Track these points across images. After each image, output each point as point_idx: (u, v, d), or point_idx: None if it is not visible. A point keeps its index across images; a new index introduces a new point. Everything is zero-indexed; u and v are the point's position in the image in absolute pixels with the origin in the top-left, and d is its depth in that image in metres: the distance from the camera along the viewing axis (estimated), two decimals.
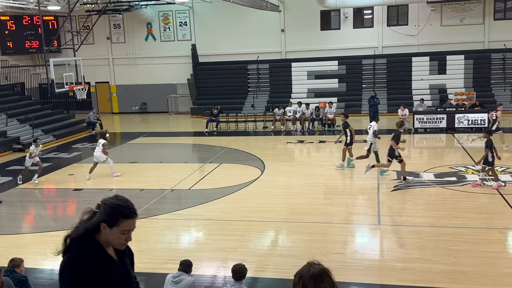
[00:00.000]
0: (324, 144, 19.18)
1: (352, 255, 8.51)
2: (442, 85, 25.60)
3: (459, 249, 8.31)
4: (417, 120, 20.39)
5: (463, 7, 25.56)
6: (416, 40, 26.45)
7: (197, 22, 28.68)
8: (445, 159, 15.77)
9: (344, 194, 12.51)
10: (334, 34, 27.49)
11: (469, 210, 10.36)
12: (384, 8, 26.44)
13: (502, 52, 25.02)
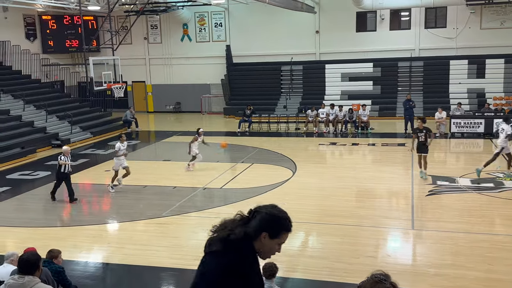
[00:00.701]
0: (357, 147, 19.00)
1: (384, 258, 8.41)
2: (480, 89, 24.94)
3: (495, 257, 8.09)
4: (454, 125, 19.96)
5: (503, 10, 24.83)
6: (455, 43, 25.86)
7: (232, 23, 28.88)
8: (482, 165, 15.32)
9: (376, 197, 12.35)
10: (369, 36, 27.17)
11: (507, 217, 10.07)
12: (422, 10, 25.96)
13: None
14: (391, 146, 18.46)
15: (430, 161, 16.17)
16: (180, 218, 10.62)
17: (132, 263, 8.54)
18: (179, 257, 8.46)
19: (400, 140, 19.38)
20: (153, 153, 19.33)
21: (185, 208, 11.24)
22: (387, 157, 17.08)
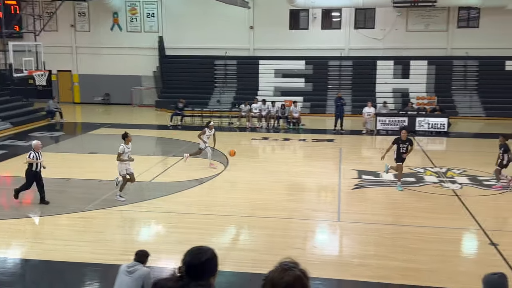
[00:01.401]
0: (288, 142, 19.28)
1: (311, 250, 8.56)
2: (405, 89, 26.16)
3: (415, 247, 8.47)
4: (379, 122, 20.77)
5: (428, 13, 26.18)
6: (382, 44, 26.92)
7: (165, 14, 28.29)
8: (405, 161, 16.05)
9: (306, 191, 12.57)
10: (302, 34, 27.66)
11: (426, 210, 10.59)
12: (352, 10, 26.79)
13: (463, 60, 25.78)
14: (321, 142, 18.89)
15: (357, 156, 16.79)
16: (105, 212, 10.22)
17: (52, 258, 8.10)
18: (103, 252, 8.13)
19: (329, 136, 19.89)
20: (78, 146, 18.49)
21: (110, 202, 10.82)
22: (317, 152, 17.47)
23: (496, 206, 10.85)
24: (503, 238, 8.74)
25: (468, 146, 18.76)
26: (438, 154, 17.38)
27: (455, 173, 13.67)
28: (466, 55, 25.57)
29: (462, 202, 10.92)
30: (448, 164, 14.71)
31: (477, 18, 26.14)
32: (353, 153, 17.20)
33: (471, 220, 9.76)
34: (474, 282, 3.73)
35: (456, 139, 19.56)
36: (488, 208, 10.63)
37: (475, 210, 10.33)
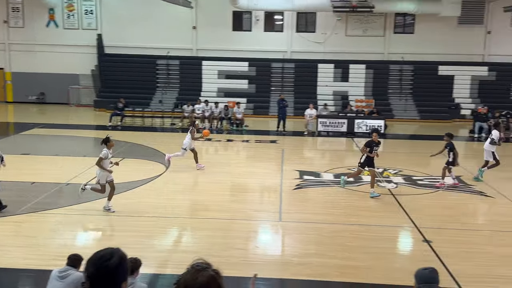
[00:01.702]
0: (231, 143, 19.26)
1: (253, 250, 8.56)
2: (344, 92, 26.87)
3: (353, 245, 8.68)
4: (320, 124, 21.21)
5: (366, 19, 27.05)
6: (323, 48, 27.52)
7: (104, 11, 27.51)
8: (344, 161, 16.50)
9: (248, 191, 12.59)
10: (245, 36, 27.76)
11: (364, 208, 10.90)
12: (294, 14, 27.21)
13: (399, 64, 26.84)
14: (264, 143, 19.02)
15: (299, 157, 17.02)
16: (38, 215, 9.74)
17: None
18: (35, 257, 7.73)
19: (272, 137, 20.08)
20: (10, 146, 17.52)
21: (43, 205, 10.34)
22: (260, 153, 17.57)
23: (430, 204, 11.33)
24: (436, 235, 9.13)
25: (403, 147, 19.53)
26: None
27: (391, 173, 14.17)
28: (402, 59, 26.64)
29: (397, 201, 11.32)
30: (385, 164, 15.20)
31: (412, 24, 27.31)
32: (295, 154, 17.43)
33: (406, 218, 10.14)
34: (409, 278, 3.85)
35: (392, 141, 20.31)
36: (422, 206, 11.08)
37: (410, 208, 10.75)
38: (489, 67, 26.58)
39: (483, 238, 9.22)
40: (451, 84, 26.70)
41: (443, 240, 8.97)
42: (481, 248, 8.74)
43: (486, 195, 12.14)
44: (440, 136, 20.84)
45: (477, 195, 12.18)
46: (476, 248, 8.74)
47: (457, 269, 7.61)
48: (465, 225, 9.97)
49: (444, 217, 10.43)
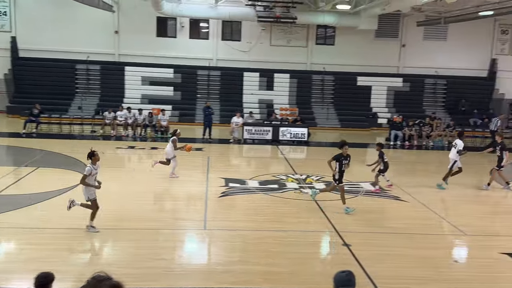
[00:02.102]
0: (156, 151, 18.85)
1: (177, 260, 8.40)
2: (269, 100, 27.33)
3: (277, 251, 8.79)
4: (246, 131, 21.38)
5: (290, 30, 27.75)
6: (248, 56, 27.84)
7: (18, 12, 26.03)
8: (269, 168, 16.73)
9: (173, 200, 12.38)
10: (170, 42, 27.45)
11: (287, 215, 11.08)
12: (219, 22, 27.31)
13: (321, 74, 27.75)
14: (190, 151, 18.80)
15: (224, 165, 17.02)
16: None
17: None
18: None
19: (198, 145, 19.91)
20: None
21: None
22: (185, 161, 17.30)
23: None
24: (355, 239, 9.48)
25: (325, 154, 19.94)
26: (299, 162, 18.40)
27: (313, 179, 14.55)
28: (323, 70, 27.57)
29: (319, 207, 11.63)
30: (308, 171, 15.63)
31: (333, 36, 28.39)
32: (220, 161, 17.41)
33: (327, 223, 10.43)
34: (329, 282, 3.94)
35: (315, 148, 20.90)
36: (342, 211, 11.44)
37: (331, 213, 11.07)
38: (403, 79, 28.21)
39: (399, 241, 9.69)
40: (369, 94, 28.02)
41: (362, 243, 9.32)
42: (397, 250, 9.17)
43: (401, 200, 12.80)
44: (359, 144, 21.83)
45: (393, 200, 12.82)
46: (393, 250, 9.16)
47: (375, 271, 7.93)
48: (382, 228, 10.43)
49: (362, 221, 10.85)
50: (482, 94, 28.46)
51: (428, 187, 14.34)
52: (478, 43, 28.68)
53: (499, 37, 29.00)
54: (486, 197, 13.71)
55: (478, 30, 28.10)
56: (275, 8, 23.52)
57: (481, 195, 13.79)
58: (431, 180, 15.10)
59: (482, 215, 11.83)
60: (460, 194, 14.24)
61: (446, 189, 13.92)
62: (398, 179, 14.80)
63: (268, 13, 23.93)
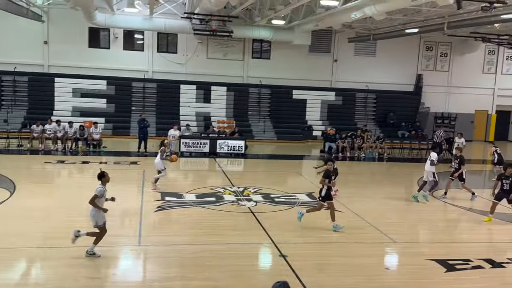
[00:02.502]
0: (87, 165, 18.22)
1: (110, 278, 8.10)
2: (207, 113, 27.27)
3: (214, 265, 8.70)
4: (183, 144, 21.16)
5: (226, 43, 27.93)
6: (185, 69, 27.70)
7: None
8: (207, 181, 16.62)
9: (106, 216, 11.92)
10: (103, 53, 26.78)
11: (224, 227, 11.03)
12: (154, 34, 27.00)
13: (258, 87, 28.09)
14: (124, 165, 18.36)
15: (161, 178, 16.66)
16: None
17: None
18: None
19: (133, 159, 19.50)
20: None
21: None
22: (120, 175, 16.82)
23: (286, 220, 11.87)
24: (291, 250, 9.58)
25: (262, 166, 20.37)
26: (236, 174, 18.43)
27: (250, 191, 14.61)
28: (260, 83, 27.93)
29: (256, 219, 11.68)
30: (245, 183, 15.67)
31: (269, 50, 28.89)
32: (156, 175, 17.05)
33: (264, 235, 10.48)
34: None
35: (252, 160, 21.05)
36: (279, 222, 11.56)
37: (268, 225, 11.15)
38: (336, 92, 29.15)
39: (333, 251, 9.90)
40: (304, 107, 28.69)
41: (298, 254, 9.44)
42: (332, 259, 9.37)
43: (336, 210, 13.10)
44: (295, 156, 22.24)
45: (327, 210, 13.09)
46: (328, 260, 9.35)
47: (311, 281, 8.05)
48: (318, 238, 10.62)
49: (299, 232, 10.99)
50: (409, 107, 29.96)
51: (361, 197, 14.82)
52: (405, 59, 30.24)
53: (424, 54, 30.75)
54: (414, 206, 14.35)
55: (405, 46, 29.66)
56: (211, 22, 23.59)
57: (411, 205, 14.42)
58: (363, 190, 15.63)
59: (410, 223, 12.37)
60: (391, 204, 14.83)
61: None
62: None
63: (204, 26, 23.96)
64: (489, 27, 22.14)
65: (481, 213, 13.51)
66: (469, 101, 31.12)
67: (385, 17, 18.96)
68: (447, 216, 13.13)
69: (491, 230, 12.27)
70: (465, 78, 30.95)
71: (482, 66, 31.41)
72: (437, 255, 9.71)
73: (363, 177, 18.97)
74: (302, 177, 17.96)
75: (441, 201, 14.60)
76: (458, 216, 13.27)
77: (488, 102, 31.71)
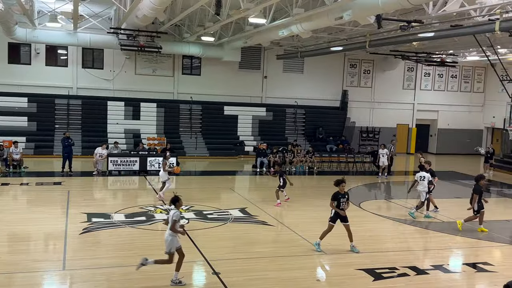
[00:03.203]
0: (7, 187, 17.17)
1: None
2: (136, 130, 26.64)
3: (143, 287, 8.43)
4: (111, 163, 20.49)
5: (155, 59, 27.57)
6: (112, 85, 26.97)
7: None
8: (137, 200, 16.16)
9: (27, 241, 11.24)
10: (24, 69, 25.54)
11: (156, 247, 10.70)
12: (79, 49, 26.13)
13: (189, 104, 27.90)
14: (47, 185, 17.47)
15: (87, 199, 16.02)
16: None
17: None
18: None
19: (57, 179, 18.64)
20: None
21: None
22: (42, 197, 16.01)
23: (219, 237, 11.78)
24: (224, 267, 9.50)
25: (194, 183, 20.15)
26: (168, 192, 18.02)
27: (182, 209, 14.35)
28: (191, 99, 27.77)
29: (189, 236, 11.48)
30: None
31: (199, 66, 28.84)
32: (82, 195, 16.37)
33: (197, 253, 10.32)
34: None
35: (184, 177, 20.77)
36: (211, 239, 11.45)
37: (201, 242, 11.00)
38: (266, 108, 29.58)
39: (266, 265, 9.92)
40: (235, 123, 28.83)
41: (231, 270, 9.38)
42: (264, 274, 9.38)
43: (268, 224, 13.21)
44: (228, 171, 22.24)
45: (260, 225, 13.17)
46: (260, 275, 9.34)
47: None
48: (251, 254, 10.62)
49: (231, 248, 10.95)
50: (336, 122, 31.01)
51: (292, 210, 15.06)
52: (331, 76, 31.35)
53: (349, 71, 32.05)
54: None
55: (331, 64, 30.78)
56: (139, 37, 23.18)
57: None
58: (295, 203, 15.88)
59: (340, 235, 12.69)
60: (321, 216, 15.16)
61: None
62: (264, 205, 15.30)
63: (131, 42, 23.49)
64: (407, 45, 23.52)
65: (405, 222, 14.16)
66: (391, 116, 32.75)
67: (311, 35, 19.59)
68: (374, 226, 13.61)
69: (415, 238, 12.89)
70: (387, 94, 32.57)
71: (402, 82, 33.21)
72: (365, 264, 10.02)
73: (294, 191, 19.27)
74: (235, 192, 17.96)
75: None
76: (384, 226, 13.81)
77: (409, 116, 33.53)
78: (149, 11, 15.03)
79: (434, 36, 18.22)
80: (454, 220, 13.68)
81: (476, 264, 10.38)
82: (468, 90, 34.43)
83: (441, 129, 33.98)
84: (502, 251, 11.65)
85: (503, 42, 21.86)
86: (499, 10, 14.37)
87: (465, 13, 15.88)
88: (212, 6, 15.22)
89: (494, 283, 9.38)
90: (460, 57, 28.69)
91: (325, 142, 29.26)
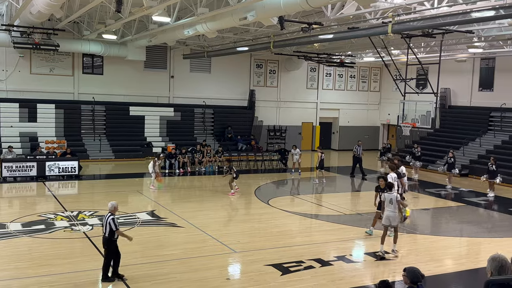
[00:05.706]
0: None
1: None
2: (33, 133, 24.96)
3: None
4: (5, 169, 19.05)
5: (52, 57, 26.00)
6: (5, 85, 25.04)
7: None
8: (35, 208, 15.14)
9: None
10: None
11: (59, 256, 10.15)
12: None
13: (91, 104, 26.65)
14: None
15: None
16: None
17: None
18: None
19: None
20: None
21: None
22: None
23: (126, 242, 11.37)
24: (130, 272, 9.21)
25: (99, 187, 19.31)
26: (70, 198, 17.14)
27: (86, 215, 13.73)
28: (93, 100, 26.56)
29: (93, 243, 10.98)
30: (80, 207, 14.68)
31: (101, 65, 27.65)
32: None
33: (101, 260, 9.87)
34: None
35: (87, 182, 19.86)
36: (118, 244, 11.03)
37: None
38: (174, 108, 29.14)
39: (176, 267, 9.77)
40: (142, 124, 28.06)
41: (138, 275, 9.12)
42: (174, 277, 9.23)
43: (177, 226, 13.02)
44: (134, 174, 21.62)
45: (169, 227, 12.95)
46: (170, 278, 9.18)
47: None
48: (160, 257, 10.39)
49: (140, 253, 10.63)
50: (245, 121, 31.36)
51: (203, 210, 14.99)
52: (239, 76, 31.66)
53: (255, 71, 32.57)
54: (252, 216, 15.00)
55: (237, 64, 31.06)
56: (34, 34, 21.69)
57: (249, 214, 15.02)
58: (205, 204, 15.84)
59: (249, 232, 12.87)
60: (231, 215, 15.29)
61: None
62: (174, 206, 15.08)
63: (26, 39, 21.92)
64: (309, 46, 24.40)
65: (311, 216, 14.68)
66: (296, 114, 33.80)
67: (217, 35, 19.61)
68: (281, 222, 13.96)
69: (320, 231, 13.42)
70: (292, 93, 33.58)
71: (306, 82, 34.40)
72: (273, 259, 10.25)
73: (204, 191, 19.22)
74: (143, 195, 17.49)
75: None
76: (291, 221, 14.21)
77: (313, 115, 34.83)
78: (44, 7, 14.14)
79: (333, 38, 19.07)
80: (355, 213, 14.43)
81: (376, 253, 11.03)
82: (366, 89, 36.55)
83: (342, 126, 35.72)
84: (401, 240, 12.49)
85: (396, 44, 23.45)
86: (391, 13, 15.41)
87: (361, 16, 16.83)
88: (113, 3, 14.64)
89: (393, 270, 10.04)
90: (358, 58, 30.36)
91: (234, 141, 29.48)
